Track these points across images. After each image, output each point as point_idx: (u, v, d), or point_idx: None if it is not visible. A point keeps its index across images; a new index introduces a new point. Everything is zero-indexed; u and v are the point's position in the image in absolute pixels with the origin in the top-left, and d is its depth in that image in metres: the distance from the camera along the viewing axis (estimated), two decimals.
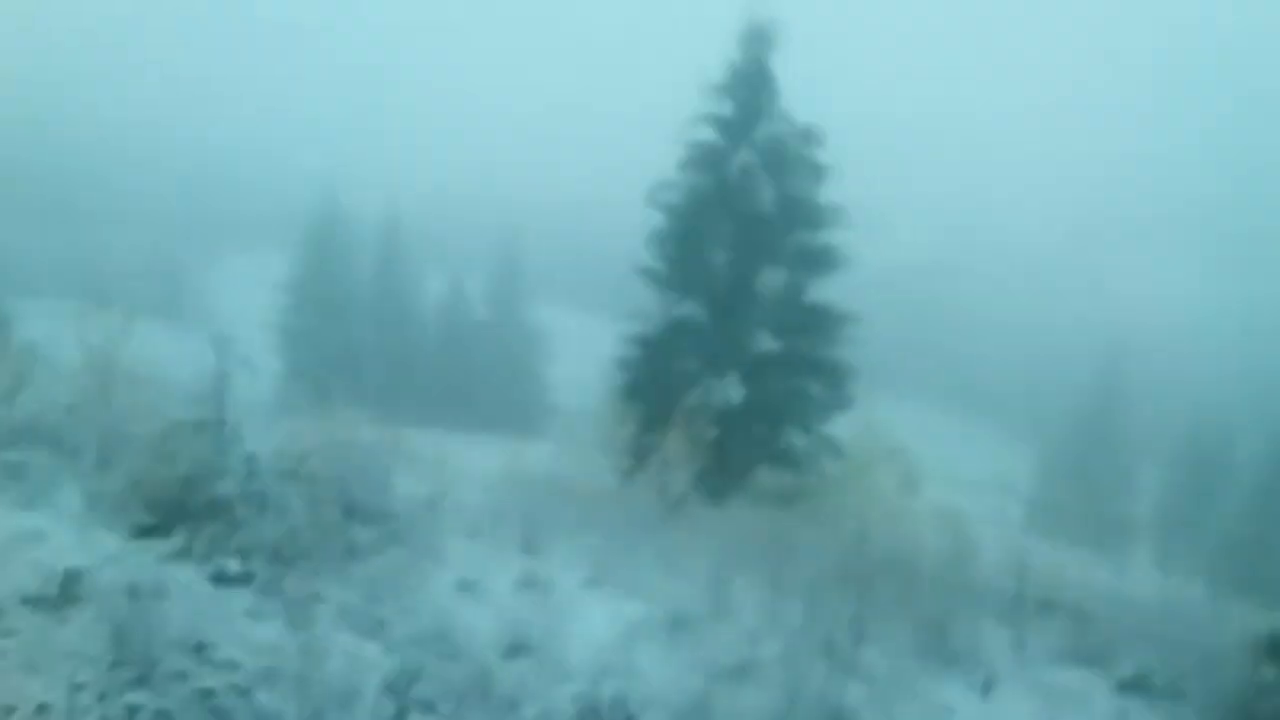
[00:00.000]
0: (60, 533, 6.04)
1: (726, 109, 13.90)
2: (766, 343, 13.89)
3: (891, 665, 5.63)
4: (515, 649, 5.46)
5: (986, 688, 5.97)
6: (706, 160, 13.91)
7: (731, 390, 13.78)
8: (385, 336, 40.96)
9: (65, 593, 5.17)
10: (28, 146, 60.27)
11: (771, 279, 13.77)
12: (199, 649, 4.70)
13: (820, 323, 13.69)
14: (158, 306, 38.48)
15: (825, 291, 13.91)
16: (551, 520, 8.24)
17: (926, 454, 11.09)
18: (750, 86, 13.90)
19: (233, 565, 5.99)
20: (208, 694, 3.94)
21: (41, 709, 4.03)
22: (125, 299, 10.09)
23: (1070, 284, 62.63)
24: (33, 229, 51.40)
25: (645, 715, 4.86)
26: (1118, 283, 62.17)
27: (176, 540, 6.33)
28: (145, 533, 6.38)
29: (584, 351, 25.57)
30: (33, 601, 5.02)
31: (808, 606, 6.08)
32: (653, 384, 13.79)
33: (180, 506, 6.61)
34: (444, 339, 42.12)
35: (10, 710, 3.96)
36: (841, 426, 12.98)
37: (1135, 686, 6.68)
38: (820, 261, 13.77)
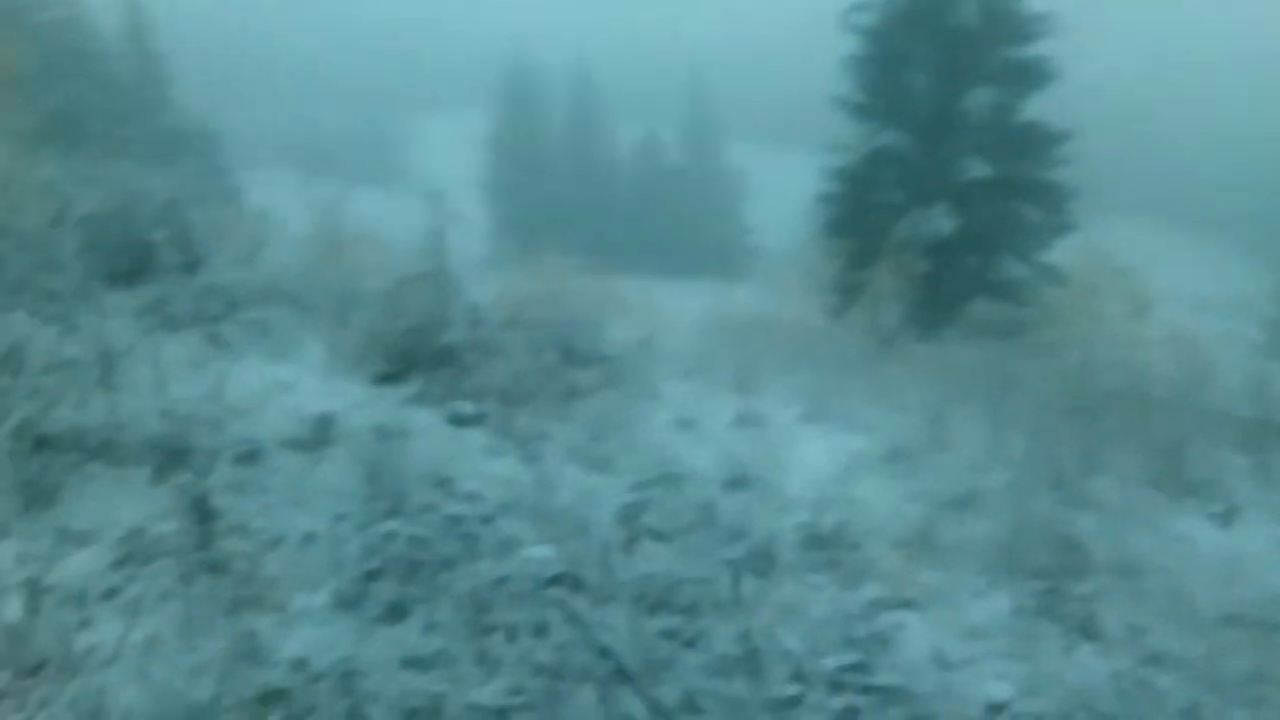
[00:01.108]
0: (308, 382, 6.52)
1: None
2: (976, 168, 13.22)
3: (1123, 495, 5.47)
4: (736, 482, 5.59)
5: (1227, 517, 5.73)
6: None
7: (941, 221, 13.28)
8: (585, 187, 41.42)
9: (318, 435, 5.61)
10: (234, 28, 62.73)
11: (978, 99, 13.01)
12: (443, 483, 5.00)
13: (1033, 143, 12.86)
14: (370, 172, 40.12)
15: (1036, 109, 13.05)
16: (763, 360, 8.29)
17: (1155, 276, 10.44)
18: None
19: (466, 407, 6.35)
20: (456, 521, 4.22)
21: (308, 537, 4.40)
22: (340, 167, 10.55)
23: None
24: (246, 105, 54.02)
25: (868, 544, 4.92)
26: None
27: (413, 386, 6.75)
28: (384, 380, 6.82)
29: (784, 190, 25.14)
30: (291, 444, 5.47)
31: (1032, 438, 5.95)
32: (858, 218, 13.42)
33: (413, 355, 7.02)
34: (641, 187, 42.22)
35: (279, 539, 4.33)
36: (1062, 252, 12.35)
37: None
38: (1030, 76, 12.83)
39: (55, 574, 3.56)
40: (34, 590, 3.32)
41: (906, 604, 4.34)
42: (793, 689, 2.83)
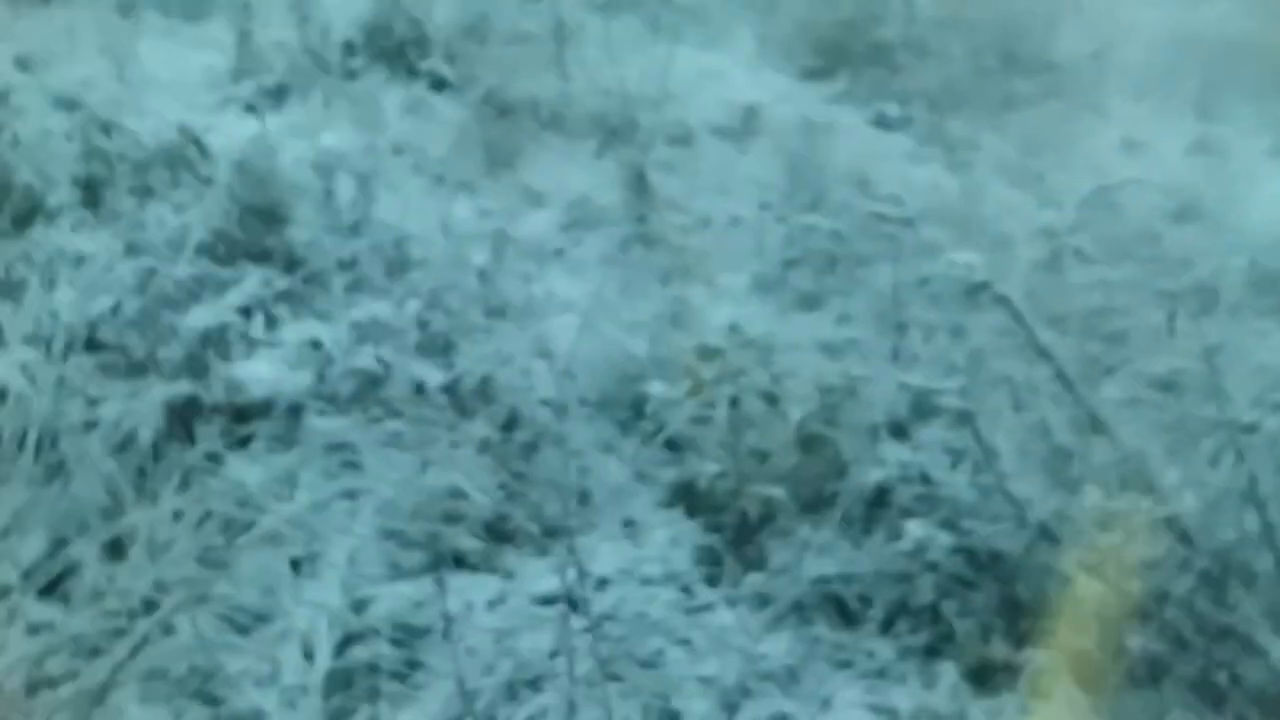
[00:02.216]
0: (737, 71, 6.58)
1: None
2: None
3: None
4: (1184, 213, 5.13)
5: None
6: None
7: None
8: None
9: (745, 125, 5.71)
10: None
11: None
12: (863, 183, 4.98)
13: None
14: None
15: None
16: (1233, 84, 7.31)
17: None
18: None
19: (893, 109, 6.18)
20: (875, 220, 4.21)
21: (733, 221, 4.59)
22: None
23: None
24: None
25: None
26: None
27: (840, 83, 6.62)
28: (812, 75, 6.75)
29: None
30: (719, 131, 5.62)
31: None
32: None
33: (843, 50, 6.85)
34: None
35: (709, 220, 4.53)
36: None
37: None
38: None
39: (515, 229, 3.97)
40: (499, 241, 3.73)
41: None
42: (1244, 416, 2.63)
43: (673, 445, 2.97)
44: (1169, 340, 3.46)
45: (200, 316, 2.94)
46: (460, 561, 2.47)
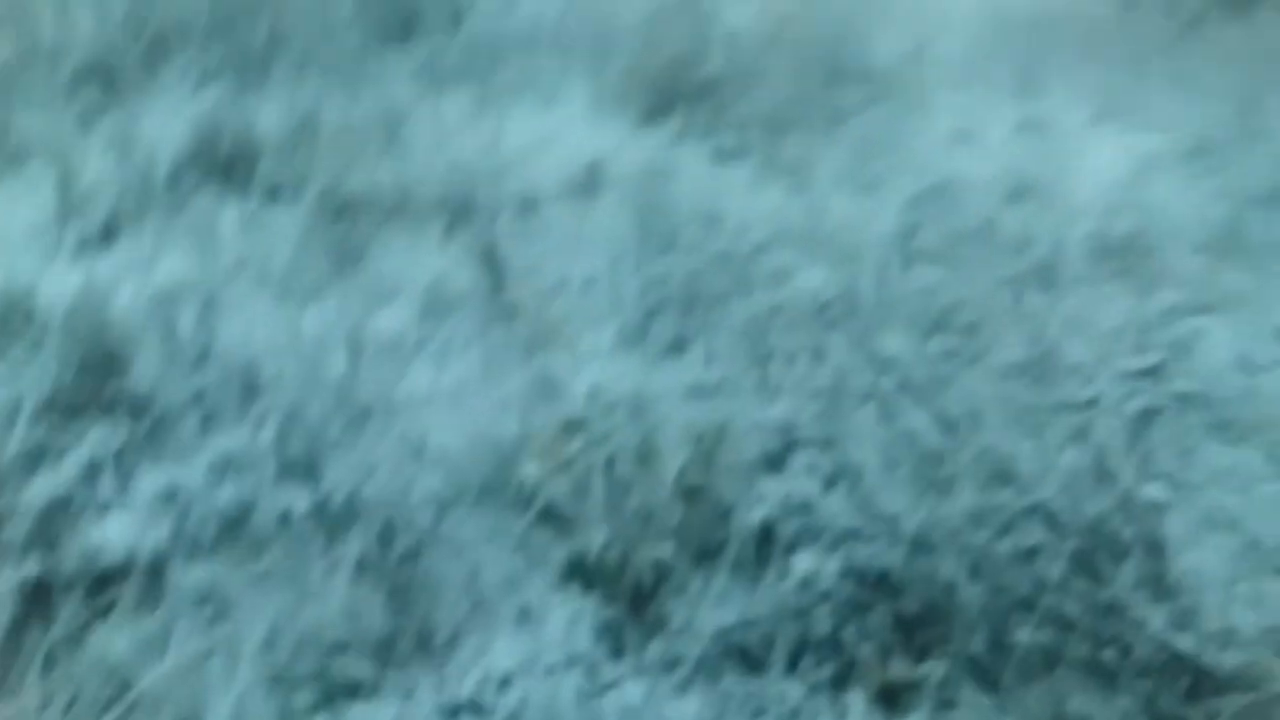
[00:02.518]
0: (574, 128, 6.63)
1: None
2: None
3: None
4: (1018, 193, 5.30)
5: None
6: None
7: None
8: None
9: (589, 181, 5.74)
10: None
11: None
12: (711, 219, 5.04)
13: None
14: None
15: None
16: (1047, 60, 7.61)
17: None
18: None
19: (729, 141, 6.27)
20: (729, 253, 4.27)
21: (590, 280, 4.59)
22: None
23: None
24: None
25: (1166, 248, 4.60)
26: None
27: (676, 123, 6.72)
28: (648, 120, 6.83)
29: None
30: (564, 191, 5.64)
31: None
32: None
33: (674, 90, 6.94)
34: None
35: (564, 283, 4.54)
36: None
37: None
38: None
39: (370, 329, 3.92)
40: (354, 344, 3.68)
41: (1208, 309, 4.08)
42: (1084, 392, 2.75)
43: (558, 522, 2.94)
44: (1018, 325, 3.56)
45: (42, 488, 2.81)
46: (354, 691, 2.39)
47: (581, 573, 2.79)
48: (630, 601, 2.69)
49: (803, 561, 2.48)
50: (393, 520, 2.89)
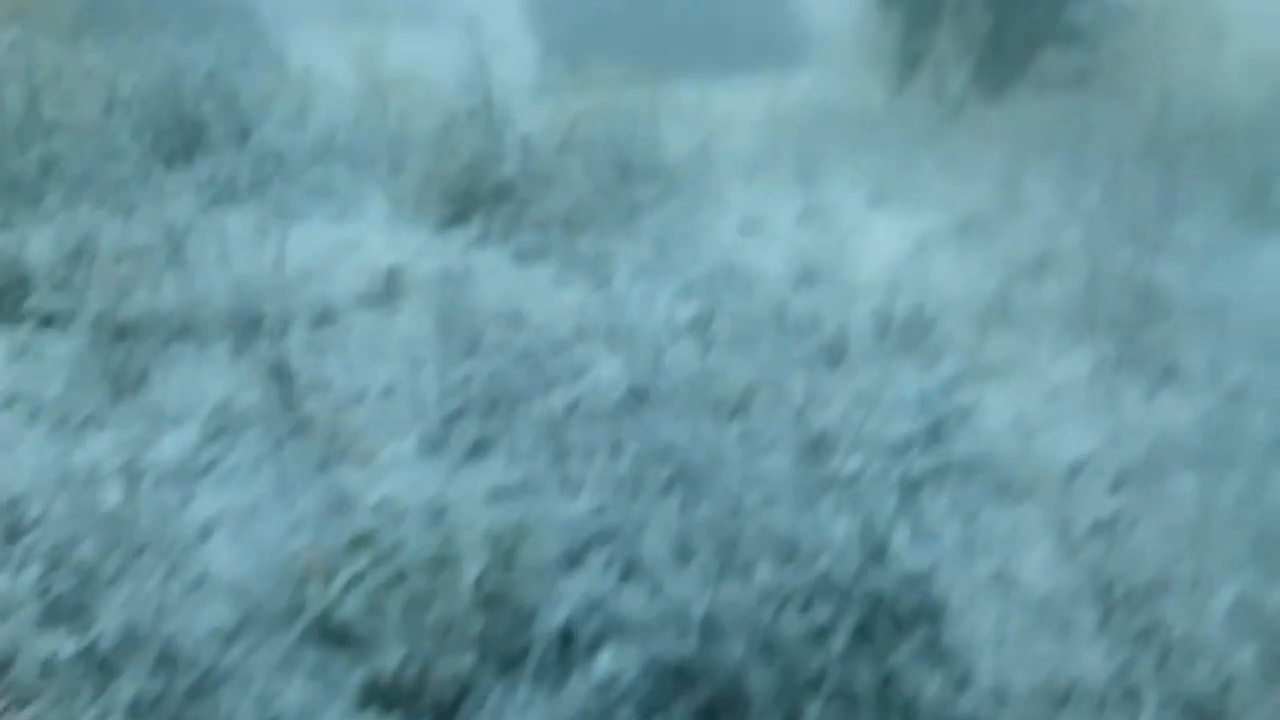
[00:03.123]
0: (372, 236, 6.57)
1: None
2: None
3: (1205, 235, 5.26)
4: (806, 277, 5.53)
5: None
6: None
7: None
8: None
9: (389, 289, 5.68)
10: None
11: None
12: (514, 320, 5.05)
13: None
14: (408, 11, 39.15)
15: None
16: (825, 149, 8.07)
17: None
18: None
19: (530, 241, 6.34)
20: (529, 354, 4.27)
21: (389, 389, 4.51)
22: (378, 11, 10.30)
23: None
24: None
25: (944, 321, 4.85)
26: None
27: (475, 227, 6.75)
28: (447, 224, 6.84)
29: None
30: (362, 300, 5.56)
31: (1108, 189, 5.72)
32: None
33: (472, 194, 6.99)
34: None
35: (363, 393, 4.45)
36: None
37: None
38: None
39: (151, 456, 3.72)
40: (132, 474, 3.48)
41: (985, 375, 4.31)
42: (868, 467, 2.84)
43: (353, 643, 2.82)
44: (812, 403, 3.66)
45: None
46: None
47: (379, 695, 2.67)
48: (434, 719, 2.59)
49: (603, 661, 2.44)
50: (173, 655, 2.71)
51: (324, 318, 5.24)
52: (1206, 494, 3.22)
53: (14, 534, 3.15)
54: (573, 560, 2.90)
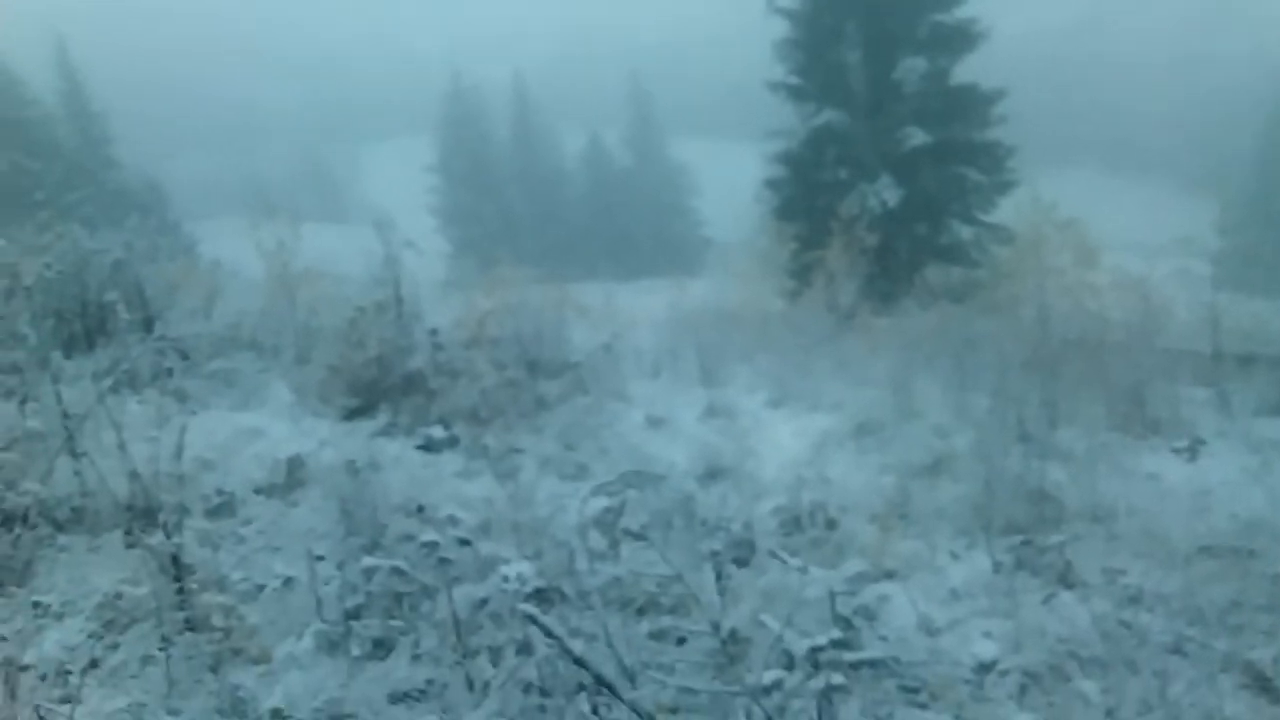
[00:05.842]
0: (275, 425, 6.50)
1: None
2: (915, 137, 13.38)
3: (1089, 442, 5.54)
4: (711, 474, 5.63)
5: (1192, 451, 5.82)
6: None
7: (887, 192, 13.42)
8: (535, 199, 41.47)
9: (290, 478, 5.59)
10: (167, 79, 62.15)
11: (910, 68, 13.20)
12: (419, 511, 4.98)
13: (968, 105, 13.02)
14: (319, 207, 39.79)
15: (968, 72, 13.19)
16: (726, 351, 8.34)
17: (1100, 222, 10.57)
18: None
19: (436, 432, 6.34)
20: (433, 548, 4.21)
21: (287, 582, 4.37)
22: (289, 206, 10.49)
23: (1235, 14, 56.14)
24: (190, 155, 53.56)
25: (845, 519, 4.95)
26: None
27: (381, 417, 6.75)
28: (352, 414, 6.82)
29: (732, 180, 25.23)
30: (263, 490, 5.45)
31: (995, 396, 6.01)
32: (805, 199, 13.53)
33: (378, 386, 7.01)
34: (591, 192, 42.36)
35: (260, 587, 4.31)
36: (1006, 210, 12.48)
37: None
38: (959, 40, 13.03)
39: (32, 653, 3.52)
40: (9, 672, 3.28)
41: (888, 575, 4.38)
42: (777, 674, 2.85)
43: None
44: (722, 601, 3.66)
45: None
46: None
47: None
48: None
49: None
50: None
51: (222, 508, 5.11)
52: (1110, 699, 3.29)
53: None
54: None
